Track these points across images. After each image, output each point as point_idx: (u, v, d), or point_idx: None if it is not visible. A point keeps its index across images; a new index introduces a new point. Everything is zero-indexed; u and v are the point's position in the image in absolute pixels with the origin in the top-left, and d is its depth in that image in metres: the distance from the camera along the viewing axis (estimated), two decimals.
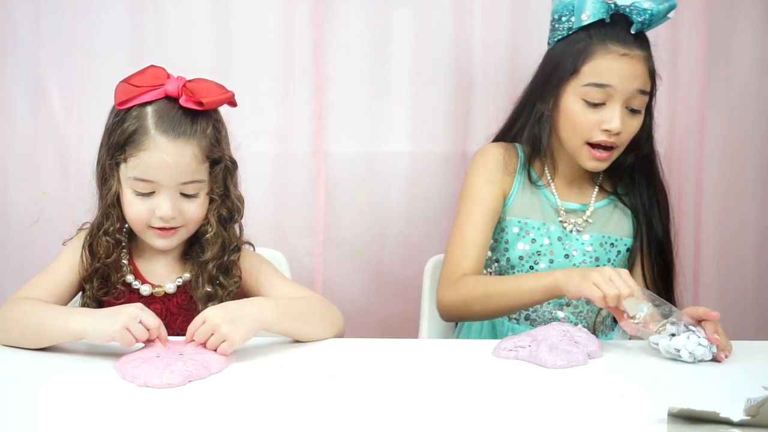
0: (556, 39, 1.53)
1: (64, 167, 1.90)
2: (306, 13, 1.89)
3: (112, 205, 1.33)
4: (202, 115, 1.32)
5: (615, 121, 1.45)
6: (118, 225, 1.35)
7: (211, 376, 1.15)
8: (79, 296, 1.40)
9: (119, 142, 1.30)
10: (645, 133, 1.54)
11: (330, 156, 1.97)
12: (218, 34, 1.88)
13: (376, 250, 2.01)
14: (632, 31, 1.47)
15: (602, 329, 1.59)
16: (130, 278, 1.37)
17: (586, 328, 1.33)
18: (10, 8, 1.86)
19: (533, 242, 1.56)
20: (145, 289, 1.37)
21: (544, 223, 1.56)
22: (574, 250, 1.55)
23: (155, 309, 1.35)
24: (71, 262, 1.36)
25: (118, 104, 1.32)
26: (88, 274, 1.35)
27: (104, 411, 1.03)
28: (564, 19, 1.51)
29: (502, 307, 1.46)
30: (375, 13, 1.91)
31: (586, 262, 1.54)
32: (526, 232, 1.56)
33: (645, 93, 1.49)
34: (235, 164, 1.38)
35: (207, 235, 1.35)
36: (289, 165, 1.96)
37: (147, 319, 1.19)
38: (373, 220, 2.00)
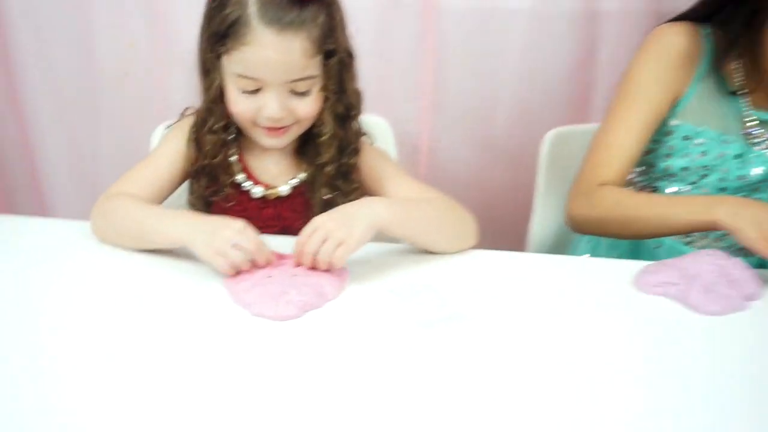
0: None
1: (152, 17, 1.77)
2: None
3: (215, 100, 1.19)
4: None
5: None
6: (223, 123, 1.21)
7: (326, 305, 1.06)
8: (185, 189, 1.29)
9: (219, 32, 1.14)
10: None
11: (440, 11, 1.77)
12: None
13: (488, 117, 1.85)
14: None
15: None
16: (240, 178, 1.25)
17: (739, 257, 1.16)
18: None
19: (704, 155, 1.32)
20: (257, 191, 1.26)
21: (723, 133, 1.31)
22: (755, 169, 1.32)
23: (267, 214, 1.25)
24: (173, 155, 1.24)
25: None
26: (194, 170, 1.24)
27: (216, 337, 0.95)
28: None
29: (643, 234, 1.28)
30: None
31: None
32: (697, 141, 1.32)
33: None
34: (351, 56, 1.20)
35: (323, 138, 1.21)
36: (395, 20, 1.77)
37: (245, 242, 1.07)
38: (485, 83, 1.83)
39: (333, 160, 1.22)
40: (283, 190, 1.26)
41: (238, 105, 1.17)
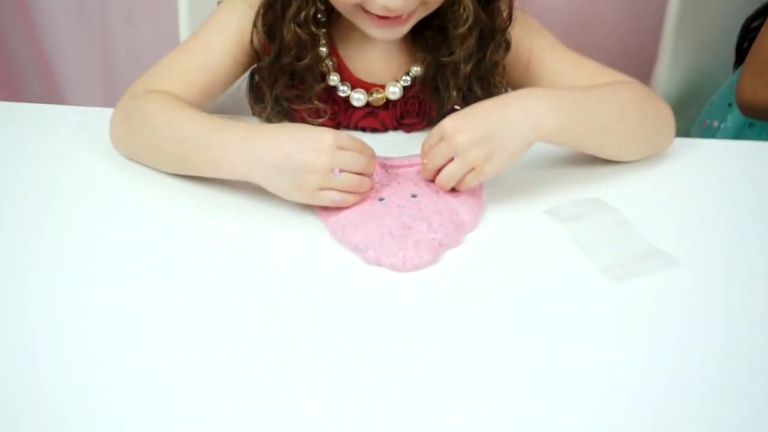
0: None
1: None
2: None
3: None
4: None
5: None
6: (313, 9, 0.84)
7: (465, 239, 0.76)
8: (245, 80, 0.92)
9: None
10: None
11: None
12: None
13: None
14: None
15: None
16: (334, 79, 0.89)
17: None
18: None
19: None
20: (358, 98, 0.90)
21: None
22: None
23: (370, 125, 0.92)
24: (231, 36, 0.87)
25: None
26: (268, 66, 0.87)
27: (312, 300, 0.67)
28: None
29: None
30: None
31: None
32: None
33: None
34: None
35: (460, 29, 0.84)
36: None
37: (353, 163, 0.75)
38: None
39: (470, 55, 0.86)
40: (393, 92, 0.90)
41: None
